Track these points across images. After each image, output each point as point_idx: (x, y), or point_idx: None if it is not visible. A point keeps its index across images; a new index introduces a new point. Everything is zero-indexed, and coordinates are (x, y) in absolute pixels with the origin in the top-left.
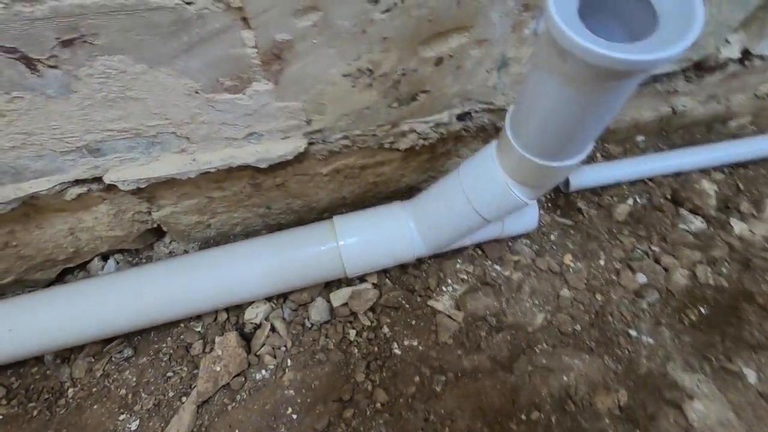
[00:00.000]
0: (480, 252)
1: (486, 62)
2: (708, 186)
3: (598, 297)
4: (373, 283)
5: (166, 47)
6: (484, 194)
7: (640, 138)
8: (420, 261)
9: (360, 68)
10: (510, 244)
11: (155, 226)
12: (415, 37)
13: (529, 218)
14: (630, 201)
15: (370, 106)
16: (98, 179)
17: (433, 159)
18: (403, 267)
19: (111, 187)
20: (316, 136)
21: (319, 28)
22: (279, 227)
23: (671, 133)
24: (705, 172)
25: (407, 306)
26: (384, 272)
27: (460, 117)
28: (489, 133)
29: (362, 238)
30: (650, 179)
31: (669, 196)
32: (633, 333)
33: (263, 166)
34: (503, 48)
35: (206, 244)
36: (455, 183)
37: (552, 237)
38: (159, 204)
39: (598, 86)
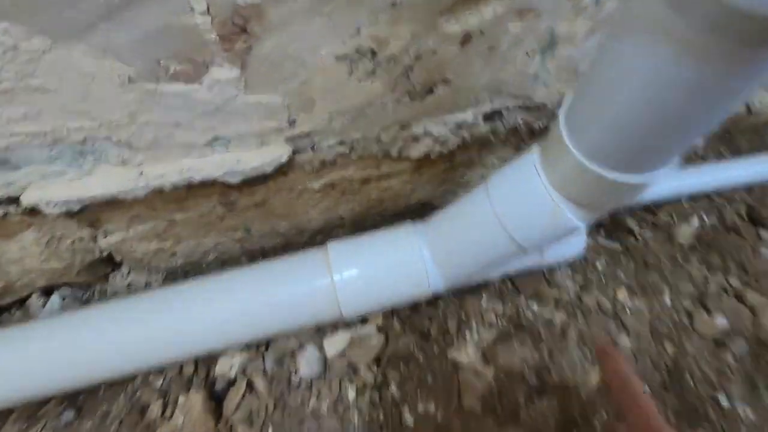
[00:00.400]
0: (510, 285)
1: (527, 41)
2: None
3: (669, 347)
4: (377, 326)
5: (75, 11)
6: (522, 216)
7: (697, 142)
8: (436, 296)
9: (360, 48)
10: (547, 274)
11: (105, 255)
12: (436, 4)
13: (574, 243)
14: (695, 221)
15: (373, 102)
16: (15, 199)
17: (451, 169)
18: (415, 304)
19: (35, 211)
20: (302, 141)
21: None
22: (262, 253)
23: (737, 135)
24: None
25: (421, 357)
26: (391, 311)
27: (488, 116)
28: (522, 137)
29: (363, 271)
30: (716, 194)
31: (744, 215)
32: (723, 400)
33: (234, 181)
34: (552, 21)
35: (173, 274)
36: (482, 200)
37: (598, 265)
38: (105, 229)
39: (739, 57)
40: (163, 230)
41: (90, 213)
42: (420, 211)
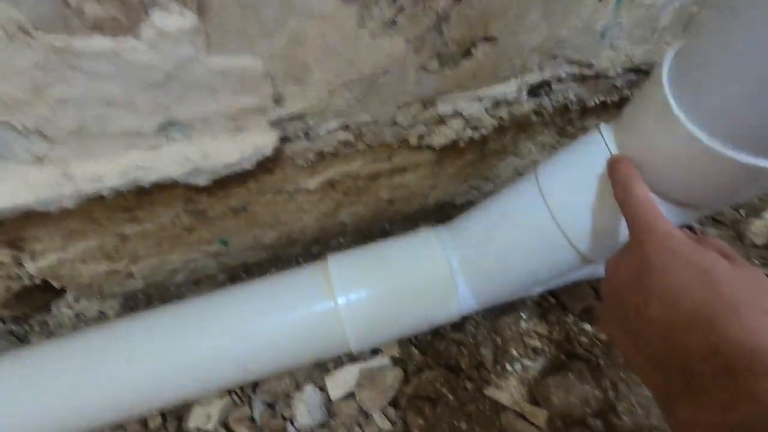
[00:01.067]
0: (553, 300)
1: None
2: None
3: None
4: (393, 358)
5: None
6: (592, 223)
7: None
8: (464, 317)
9: None
10: (595, 285)
11: (39, 282)
12: None
13: None
14: (767, 215)
15: (391, 68)
16: None
17: (481, 160)
18: (438, 328)
19: None
20: (293, 126)
21: None
22: (245, 270)
23: None
24: None
25: (451, 397)
26: (409, 338)
27: (534, 90)
28: (571, 117)
29: (375, 291)
30: None
31: None
32: None
33: (202, 182)
34: None
35: (132, 299)
36: (533, 198)
37: None
38: (32, 250)
39: None
40: (113, 248)
41: (5, 231)
42: (437, 213)
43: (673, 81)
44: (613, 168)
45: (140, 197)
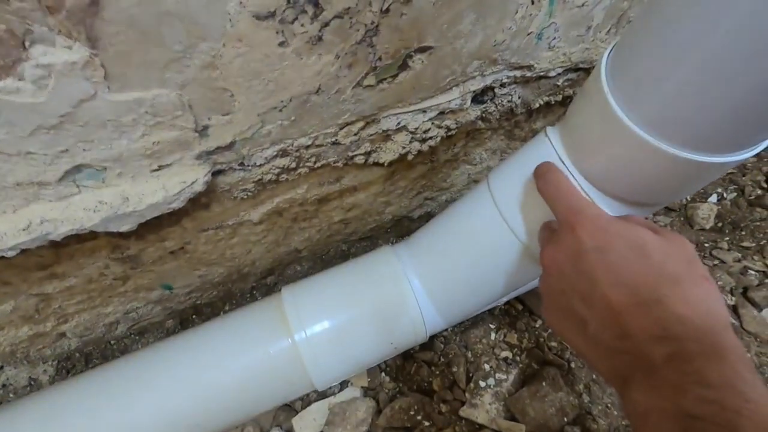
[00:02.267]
0: (520, 306)
1: None
2: None
3: None
4: (363, 388)
5: None
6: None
7: None
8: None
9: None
10: None
11: None
12: None
13: None
14: (713, 198)
15: (323, 86)
16: None
17: (433, 171)
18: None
19: None
20: (224, 156)
21: None
22: (195, 311)
23: None
24: None
25: (427, 423)
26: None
27: (478, 96)
28: (518, 120)
29: (335, 321)
30: None
31: (764, 183)
32: None
33: (125, 227)
34: None
35: (68, 360)
36: (488, 212)
37: None
38: None
39: None
40: (34, 309)
41: None
42: (395, 228)
43: (612, 79)
44: (536, 168)
45: (57, 251)
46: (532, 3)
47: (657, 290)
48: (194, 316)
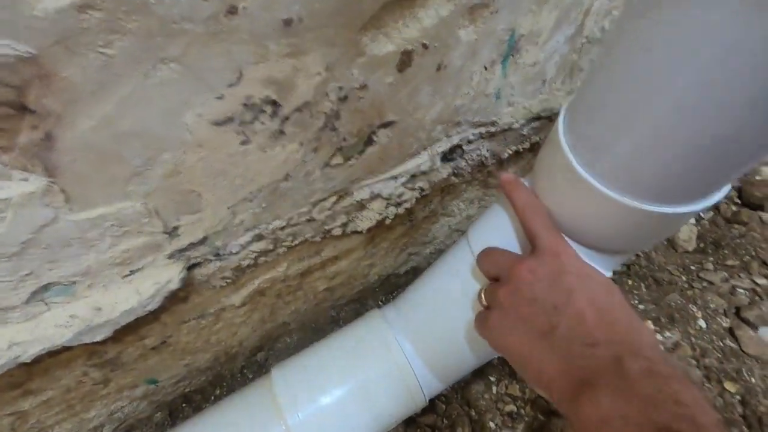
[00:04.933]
0: None
1: (485, 49)
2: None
3: (730, 387)
4: None
5: None
6: None
7: None
8: (433, 397)
9: (249, 101)
10: None
11: None
12: (352, 16)
13: None
14: (691, 219)
15: (292, 173)
16: None
17: (413, 229)
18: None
19: None
20: (197, 251)
21: (110, 14)
22: (184, 399)
23: None
24: None
25: None
26: None
27: (447, 155)
28: (490, 170)
29: (330, 400)
30: None
31: (737, 199)
32: None
33: (100, 337)
34: (513, 16)
35: None
36: (468, 266)
37: None
38: None
39: None
40: (9, 428)
41: None
42: (383, 287)
43: (569, 135)
44: (512, 195)
45: (30, 369)
46: (486, 69)
47: (631, 323)
48: (184, 405)
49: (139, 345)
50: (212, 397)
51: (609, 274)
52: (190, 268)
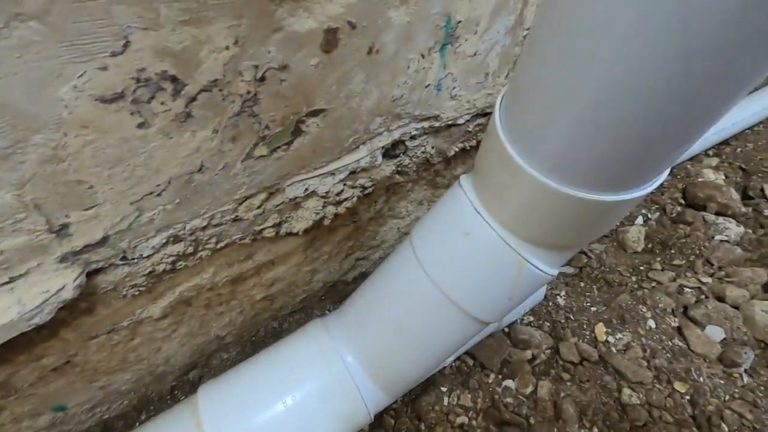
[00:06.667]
0: (471, 361)
1: (420, 35)
2: (714, 176)
3: (680, 387)
4: None
5: None
6: (476, 282)
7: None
8: (381, 412)
9: (142, 75)
10: (508, 331)
11: None
12: None
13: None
14: (639, 219)
15: (205, 164)
16: None
17: (358, 231)
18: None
19: None
20: (97, 254)
21: None
22: (103, 426)
23: None
24: (696, 159)
25: None
26: None
27: (389, 151)
28: (437, 169)
29: (262, 423)
30: None
31: (681, 200)
32: None
33: None
34: (448, 1)
35: None
36: (413, 273)
37: (560, 300)
38: None
39: None
40: None
41: None
42: (329, 294)
43: (506, 127)
44: None
45: None
46: (423, 57)
47: None
48: (103, 430)
49: (36, 366)
50: (137, 423)
51: (555, 272)
52: (91, 274)
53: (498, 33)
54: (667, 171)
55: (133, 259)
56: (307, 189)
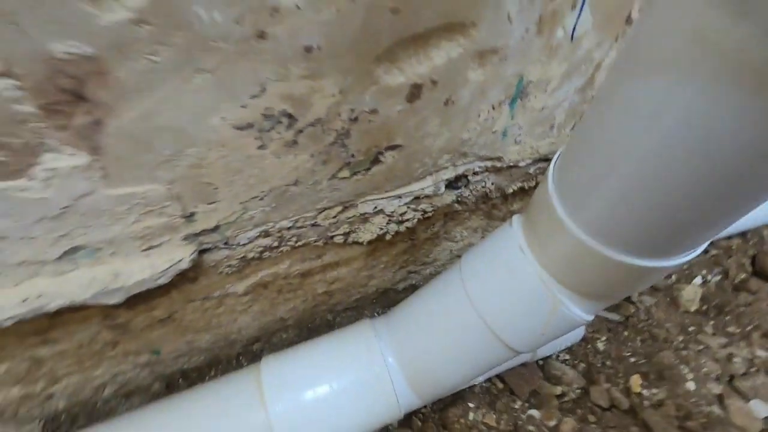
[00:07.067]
0: (500, 384)
1: (493, 91)
2: None
3: None
4: None
5: None
6: (511, 313)
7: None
8: (410, 413)
9: (269, 112)
10: (542, 364)
11: None
12: (368, 49)
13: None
14: (698, 279)
15: (301, 179)
16: None
17: (414, 248)
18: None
19: None
20: (209, 237)
21: (159, 28)
22: (182, 375)
23: None
24: None
25: None
26: None
27: (452, 183)
28: (494, 203)
29: (310, 396)
30: (710, 242)
31: (749, 267)
32: None
33: (114, 301)
34: (522, 64)
35: (55, 421)
36: (458, 294)
37: (600, 345)
38: None
39: None
40: (26, 372)
41: None
42: (380, 299)
43: (557, 184)
44: None
45: (52, 319)
46: (493, 108)
47: None
48: (181, 380)
49: (148, 315)
50: (207, 377)
51: (589, 318)
52: (201, 252)
53: (567, 92)
54: (707, 243)
55: (233, 245)
56: (376, 207)
